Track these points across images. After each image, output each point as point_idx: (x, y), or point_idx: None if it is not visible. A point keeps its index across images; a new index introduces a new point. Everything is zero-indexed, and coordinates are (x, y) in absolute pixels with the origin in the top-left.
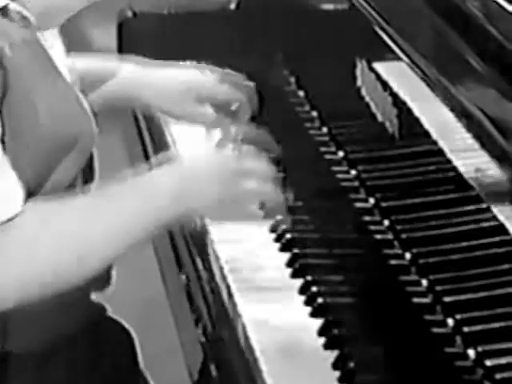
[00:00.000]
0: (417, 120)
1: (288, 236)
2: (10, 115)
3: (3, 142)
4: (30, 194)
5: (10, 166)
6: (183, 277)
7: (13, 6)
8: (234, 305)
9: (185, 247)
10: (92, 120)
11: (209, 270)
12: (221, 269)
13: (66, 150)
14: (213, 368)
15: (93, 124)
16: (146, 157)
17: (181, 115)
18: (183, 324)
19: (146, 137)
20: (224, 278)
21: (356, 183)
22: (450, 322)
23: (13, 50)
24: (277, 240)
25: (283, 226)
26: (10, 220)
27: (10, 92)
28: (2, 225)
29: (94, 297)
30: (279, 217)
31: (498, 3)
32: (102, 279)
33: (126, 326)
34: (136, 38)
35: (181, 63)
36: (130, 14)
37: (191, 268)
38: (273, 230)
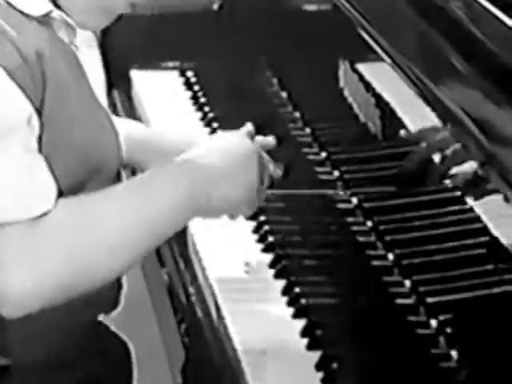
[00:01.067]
0: (400, 121)
1: (271, 237)
2: (48, 122)
3: (40, 143)
4: None
5: (45, 164)
6: (165, 276)
7: (56, 14)
8: (217, 305)
9: (167, 245)
10: (120, 142)
11: (190, 269)
12: (203, 269)
13: (95, 170)
14: (195, 369)
15: (121, 146)
16: None
17: None
18: (166, 324)
19: None
20: (206, 278)
21: (338, 184)
22: (434, 322)
23: (53, 58)
24: (260, 241)
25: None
26: (43, 215)
27: (50, 98)
28: (35, 220)
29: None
30: None
31: (480, 4)
32: (110, 302)
33: (125, 339)
34: (119, 40)
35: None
36: None
37: (173, 267)
38: (255, 230)
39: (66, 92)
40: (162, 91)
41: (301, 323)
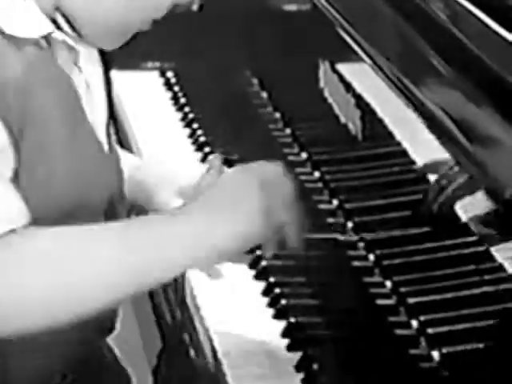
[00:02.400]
0: (380, 121)
1: None
2: (26, 155)
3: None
4: None
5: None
6: None
7: (57, 35)
8: (197, 306)
9: None
10: (122, 181)
11: None
12: None
13: (88, 213)
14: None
15: (123, 186)
16: None
17: None
18: (145, 326)
19: None
20: (185, 277)
21: (319, 185)
22: (414, 323)
23: (37, 91)
24: None
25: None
26: (11, 231)
27: (29, 129)
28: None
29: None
30: None
31: (460, 4)
32: (105, 326)
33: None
34: None
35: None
36: None
37: None
38: None
39: (47, 125)
40: (143, 92)
41: (281, 324)
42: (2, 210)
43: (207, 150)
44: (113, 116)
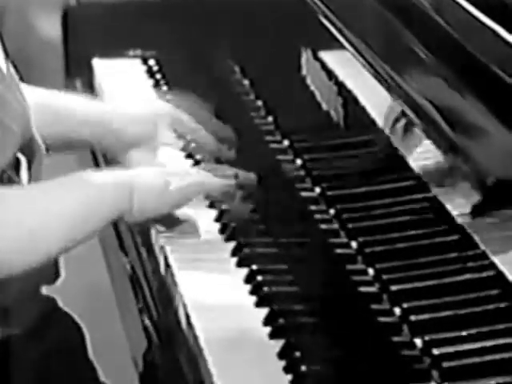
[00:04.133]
0: (363, 109)
1: (232, 225)
2: None
3: None
4: None
5: None
6: (128, 265)
7: None
8: (180, 294)
9: (129, 234)
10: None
11: (153, 259)
12: (165, 258)
13: None
14: (157, 357)
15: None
16: None
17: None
18: (128, 313)
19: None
20: (168, 266)
21: (301, 172)
22: (397, 310)
23: None
24: (221, 231)
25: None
26: None
27: None
28: None
29: (45, 290)
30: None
31: None
32: (50, 272)
33: (76, 318)
34: (80, 28)
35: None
36: (74, 2)
37: (135, 256)
38: (217, 219)
39: None
40: (125, 79)
41: (263, 312)
42: None
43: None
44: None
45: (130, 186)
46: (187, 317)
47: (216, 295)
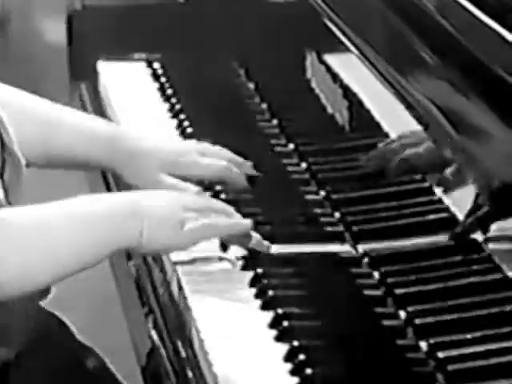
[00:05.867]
0: (368, 112)
1: None
2: None
3: None
4: None
5: None
6: (133, 268)
7: None
8: (185, 298)
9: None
10: None
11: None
12: (171, 263)
13: None
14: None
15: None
16: None
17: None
18: (133, 317)
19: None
20: (174, 270)
21: (307, 175)
22: (402, 314)
23: None
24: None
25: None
26: None
27: None
28: None
29: (43, 304)
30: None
31: None
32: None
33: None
34: (85, 31)
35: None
36: (79, 6)
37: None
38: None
39: None
40: (129, 82)
41: (269, 315)
42: None
43: (194, 140)
44: None
45: (141, 217)
46: (192, 320)
47: (221, 298)
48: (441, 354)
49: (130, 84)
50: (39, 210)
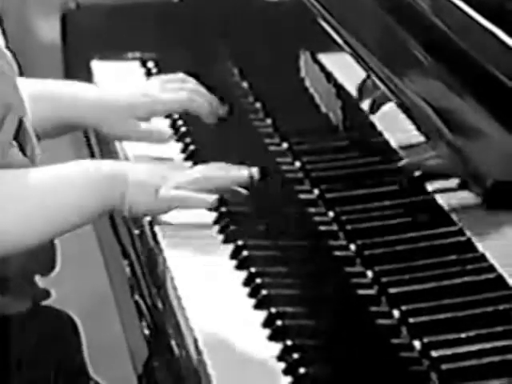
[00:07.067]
0: (361, 111)
1: (232, 227)
2: None
3: None
4: None
5: None
6: (127, 269)
7: None
8: (178, 296)
9: (129, 239)
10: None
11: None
12: (164, 260)
13: None
14: (157, 362)
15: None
16: None
17: (122, 136)
18: (127, 318)
19: (98, 158)
20: (167, 269)
21: (300, 175)
22: (396, 313)
23: None
24: (220, 232)
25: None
26: None
27: None
28: None
29: (39, 280)
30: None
31: None
32: (45, 262)
33: (72, 315)
34: (80, 30)
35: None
36: (73, 5)
37: (136, 261)
38: (216, 222)
39: None
40: (124, 82)
41: (262, 314)
42: None
43: (188, 140)
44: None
45: (124, 180)
46: (186, 319)
47: (214, 297)
48: (434, 353)
49: (124, 83)
50: (35, 171)
